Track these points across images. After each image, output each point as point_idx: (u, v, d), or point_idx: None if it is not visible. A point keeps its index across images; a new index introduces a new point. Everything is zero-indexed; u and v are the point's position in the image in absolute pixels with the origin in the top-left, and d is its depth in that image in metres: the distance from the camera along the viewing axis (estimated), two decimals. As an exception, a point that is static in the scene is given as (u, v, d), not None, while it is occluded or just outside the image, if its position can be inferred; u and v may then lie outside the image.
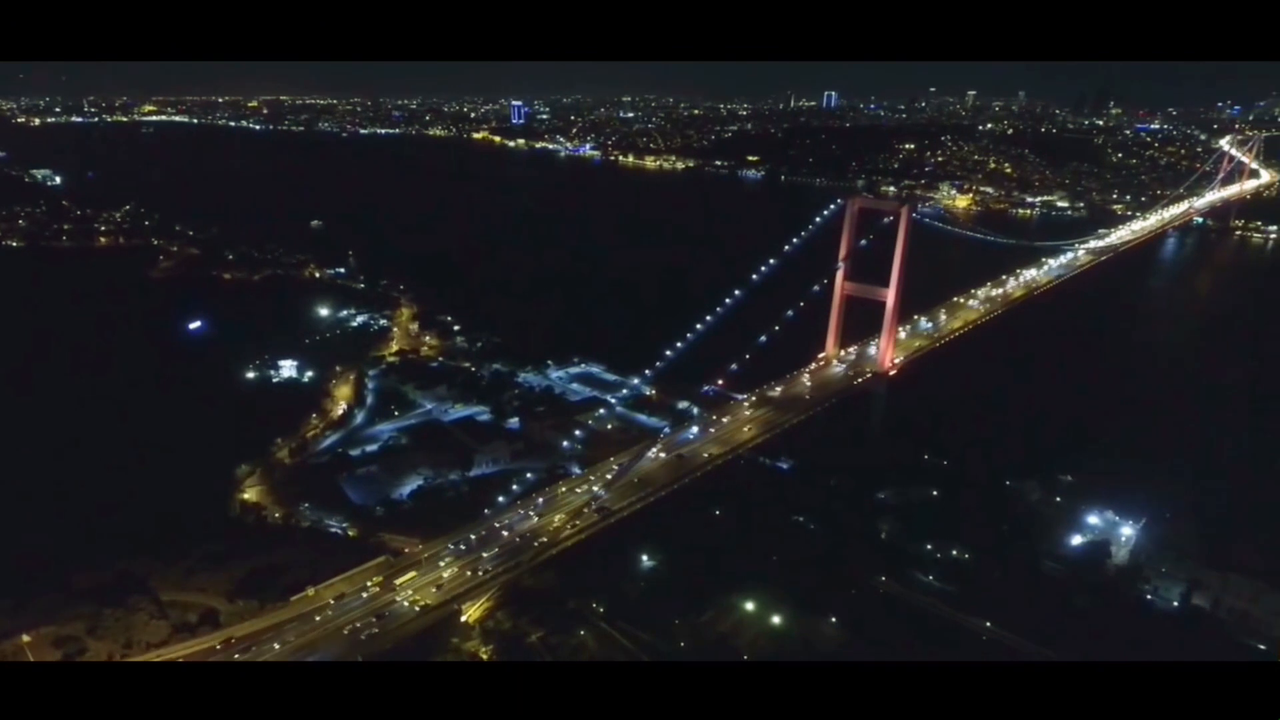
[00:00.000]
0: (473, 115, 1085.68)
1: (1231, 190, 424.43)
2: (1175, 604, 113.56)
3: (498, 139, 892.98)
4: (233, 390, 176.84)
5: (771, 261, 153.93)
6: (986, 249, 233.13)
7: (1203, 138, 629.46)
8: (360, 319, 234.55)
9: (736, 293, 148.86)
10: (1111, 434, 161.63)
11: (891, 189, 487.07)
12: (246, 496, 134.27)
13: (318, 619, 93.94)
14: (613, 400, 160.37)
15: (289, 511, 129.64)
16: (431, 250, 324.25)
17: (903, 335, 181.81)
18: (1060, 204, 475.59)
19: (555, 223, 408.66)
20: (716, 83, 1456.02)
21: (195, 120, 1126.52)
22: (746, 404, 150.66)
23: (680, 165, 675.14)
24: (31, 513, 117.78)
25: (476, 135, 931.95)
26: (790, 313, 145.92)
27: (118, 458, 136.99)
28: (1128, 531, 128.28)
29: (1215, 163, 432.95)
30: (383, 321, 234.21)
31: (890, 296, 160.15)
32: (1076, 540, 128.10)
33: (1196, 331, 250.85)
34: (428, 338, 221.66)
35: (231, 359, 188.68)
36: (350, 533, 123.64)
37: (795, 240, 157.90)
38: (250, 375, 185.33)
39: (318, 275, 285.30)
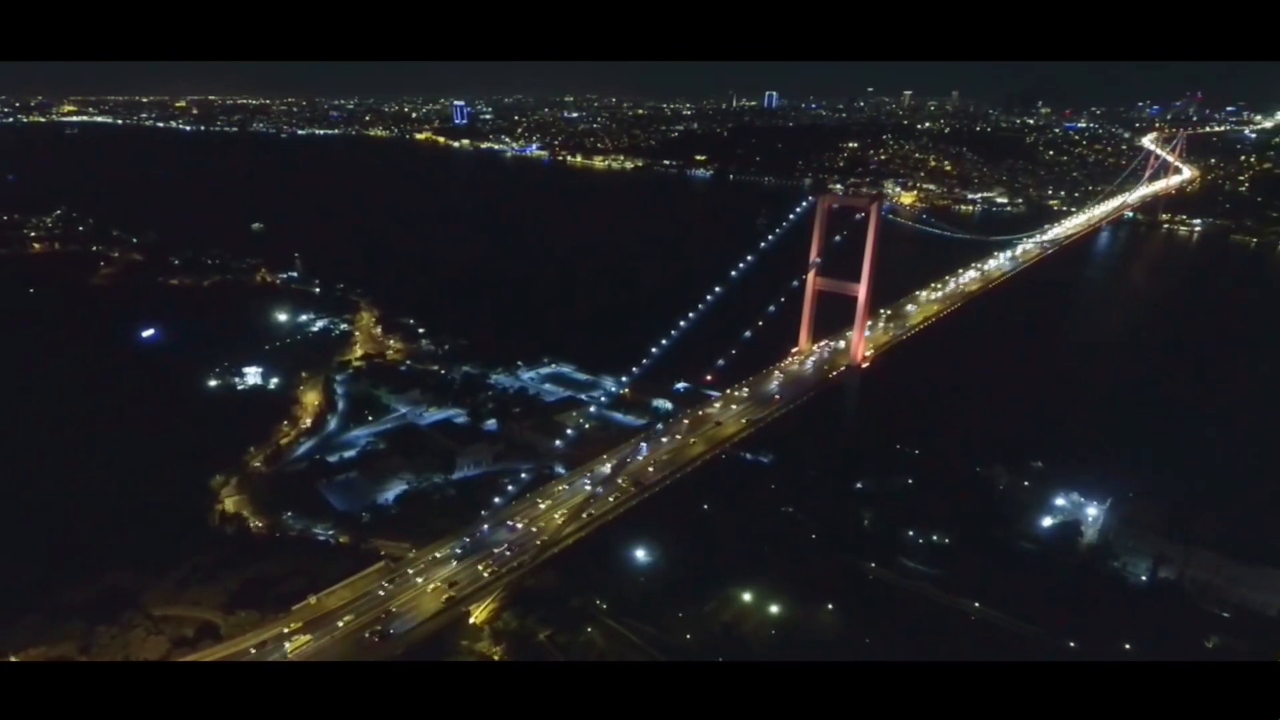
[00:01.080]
0: (414, 115, 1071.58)
1: (1158, 186, 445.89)
2: (1144, 578, 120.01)
3: (442, 139, 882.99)
4: (197, 399, 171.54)
5: (749, 258, 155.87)
6: (938, 244, 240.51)
7: (1126, 136, 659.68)
8: (320, 324, 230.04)
9: (718, 289, 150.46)
10: (1071, 419, 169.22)
11: (838, 187, 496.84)
12: (225, 507, 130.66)
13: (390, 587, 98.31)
14: (598, 398, 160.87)
15: (272, 521, 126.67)
16: (381, 252, 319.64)
17: (877, 329, 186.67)
18: (1000, 200, 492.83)
19: (510, 223, 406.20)
20: (658, 83, 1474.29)
21: (120, 121, 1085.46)
22: (722, 400, 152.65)
23: (629, 165, 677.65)
24: (1, 530, 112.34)
25: (420, 136, 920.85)
26: (772, 308, 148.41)
27: (85, 471, 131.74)
28: (1094, 512, 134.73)
29: (1142, 160, 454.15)
30: (344, 326, 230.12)
31: (861, 291, 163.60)
32: (1047, 522, 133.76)
33: (1139, 319, 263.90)
34: (392, 341, 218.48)
35: (192, 367, 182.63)
36: (340, 539, 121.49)
37: (769, 238, 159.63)
38: (213, 383, 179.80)
39: (270, 280, 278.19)
